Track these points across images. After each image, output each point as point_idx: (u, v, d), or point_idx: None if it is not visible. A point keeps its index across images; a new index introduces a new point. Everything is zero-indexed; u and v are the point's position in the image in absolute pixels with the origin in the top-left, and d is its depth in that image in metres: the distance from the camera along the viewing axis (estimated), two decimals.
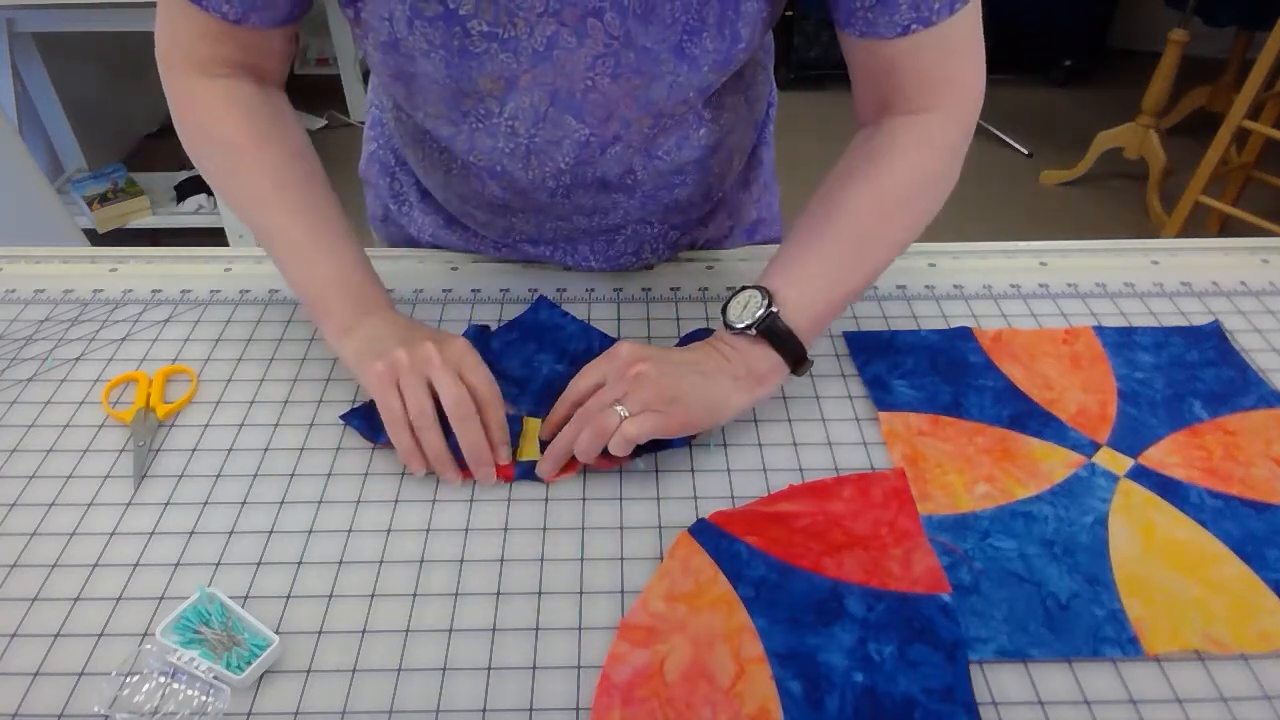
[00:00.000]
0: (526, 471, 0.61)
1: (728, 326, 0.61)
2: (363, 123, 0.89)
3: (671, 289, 0.80)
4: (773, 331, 0.60)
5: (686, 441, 0.63)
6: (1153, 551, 0.56)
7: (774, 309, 0.60)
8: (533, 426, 0.64)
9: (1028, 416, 0.65)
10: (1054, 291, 0.79)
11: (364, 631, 0.52)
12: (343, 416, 0.66)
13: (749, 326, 0.60)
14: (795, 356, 0.61)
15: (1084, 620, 0.52)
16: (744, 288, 0.62)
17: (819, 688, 0.48)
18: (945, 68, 0.61)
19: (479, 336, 0.71)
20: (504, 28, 0.57)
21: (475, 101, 0.63)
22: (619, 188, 0.71)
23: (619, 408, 0.57)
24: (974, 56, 0.62)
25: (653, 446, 0.60)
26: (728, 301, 0.62)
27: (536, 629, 0.52)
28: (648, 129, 0.64)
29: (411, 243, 0.88)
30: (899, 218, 0.64)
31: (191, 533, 0.58)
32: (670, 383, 0.58)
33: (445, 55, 0.58)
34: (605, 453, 0.58)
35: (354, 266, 0.66)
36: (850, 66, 0.64)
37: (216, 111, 0.65)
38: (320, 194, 0.66)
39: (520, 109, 0.63)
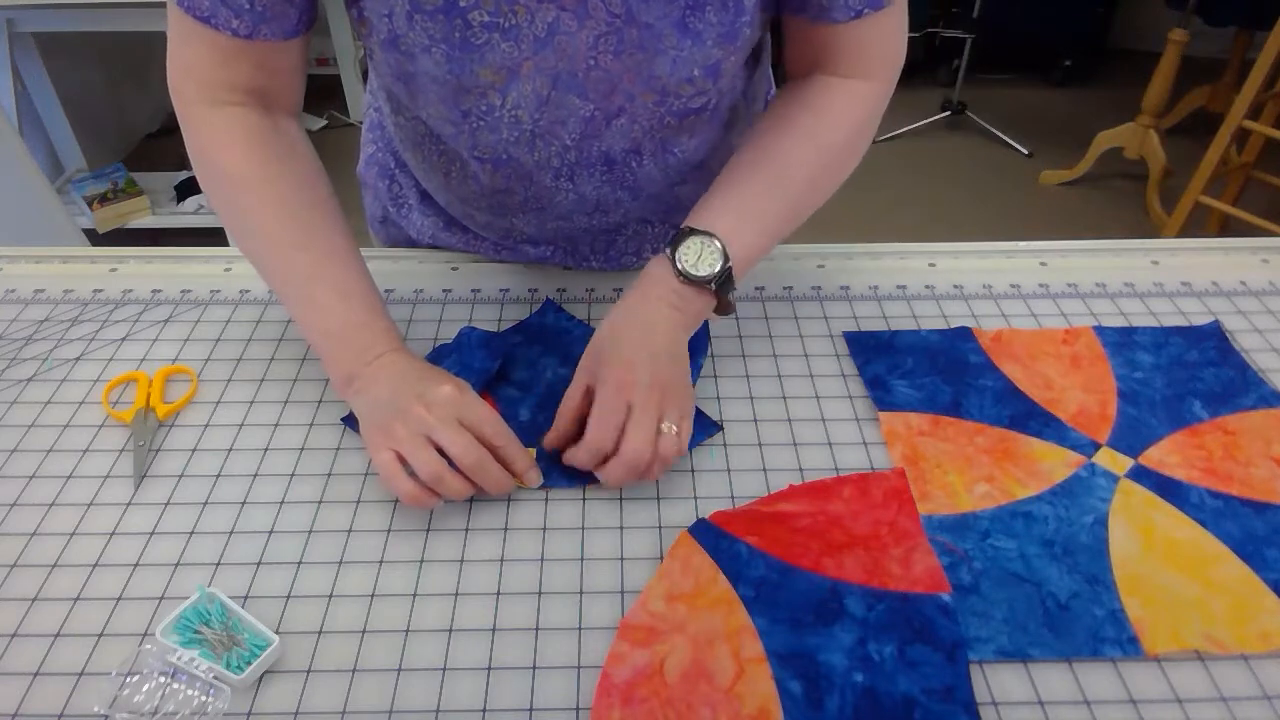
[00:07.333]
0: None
1: (681, 273, 0.62)
2: (362, 123, 0.89)
3: None
4: (726, 284, 0.63)
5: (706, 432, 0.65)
6: (1152, 551, 0.56)
7: (730, 264, 0.62)
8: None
9: (1028, 416, 0.65)
10: (1054, 291, 0.79)
11: (364, 631, 0.52)
12: (344, 419, 0.66)
13: (710, 280, 0.62)
14: (723, 300, 0.64)
15: (1084, 620, 0.52)
16: (692, 231, 0.63)
17: (819, 688, 0.48)
18: (883, 45, 0.65)
19: (479, 339, 0.71)
20: (505, 17, 0.57)
21: (476, 98, 0.63)
22: (624, 169, 0.71)
23: (665, 425, 0.58)
24: (904, 36, 0.66)
25: None
26: (677, 244, 0.62)
27: (536, 629, 0.52)
28: (653, 105, 0.64)
29: (411, 244, 0.88)
30: (835, 175, 0.68)
31: (191, 533, 0.58)
32: (675, 389, 0.60)
33: (446, 49, 0.58)
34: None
35: (349, 309, 0.62)
36: (787, 36, 0.67)
37: (220, 142, 0.62)
38: (319, 227, 0.63)
39: (522, 96, 0.63)
